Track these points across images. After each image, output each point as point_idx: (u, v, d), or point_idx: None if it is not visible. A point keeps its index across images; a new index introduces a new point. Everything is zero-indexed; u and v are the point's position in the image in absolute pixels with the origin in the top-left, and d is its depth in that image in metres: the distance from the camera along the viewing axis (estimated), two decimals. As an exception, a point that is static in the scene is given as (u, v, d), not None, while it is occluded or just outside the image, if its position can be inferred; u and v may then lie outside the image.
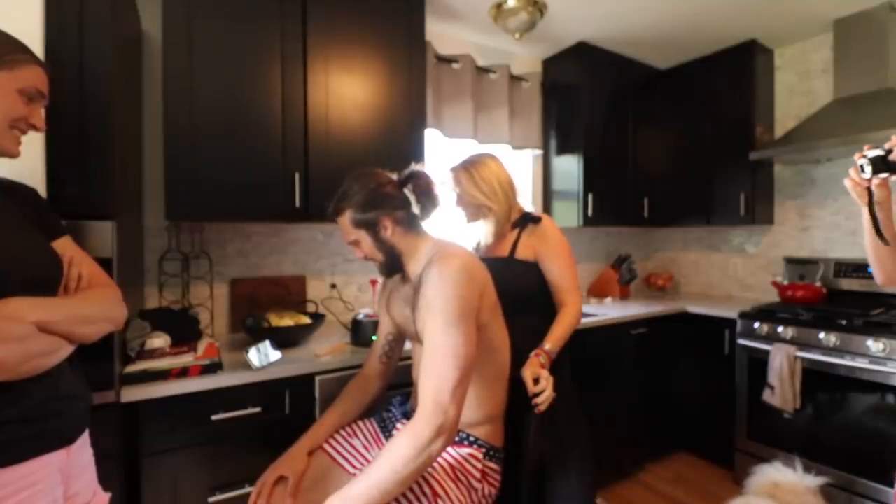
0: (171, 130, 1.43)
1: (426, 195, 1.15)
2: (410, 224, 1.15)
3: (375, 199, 1.10)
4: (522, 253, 1.45)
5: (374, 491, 0.87)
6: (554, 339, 1.33)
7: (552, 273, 1.44)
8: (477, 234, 1.53)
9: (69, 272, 0.84)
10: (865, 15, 2.12)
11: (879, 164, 0.85)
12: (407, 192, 1.15)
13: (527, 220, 1.47)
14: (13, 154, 0.81)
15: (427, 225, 1.20)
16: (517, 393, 1.20)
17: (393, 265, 1.17)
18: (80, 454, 0.84)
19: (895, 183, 0.89)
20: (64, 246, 0.87)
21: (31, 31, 0.98)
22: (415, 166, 1.17)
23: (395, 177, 1.17)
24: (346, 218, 1.12)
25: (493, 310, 1.15)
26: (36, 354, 0.72)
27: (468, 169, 1.46)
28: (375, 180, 1.13)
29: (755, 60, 2.47)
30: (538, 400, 1.15)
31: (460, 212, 1.51)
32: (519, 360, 1.24)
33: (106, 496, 0.92)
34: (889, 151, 0.83)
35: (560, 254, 1.44)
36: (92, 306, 0.82)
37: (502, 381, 1.17)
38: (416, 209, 1.15)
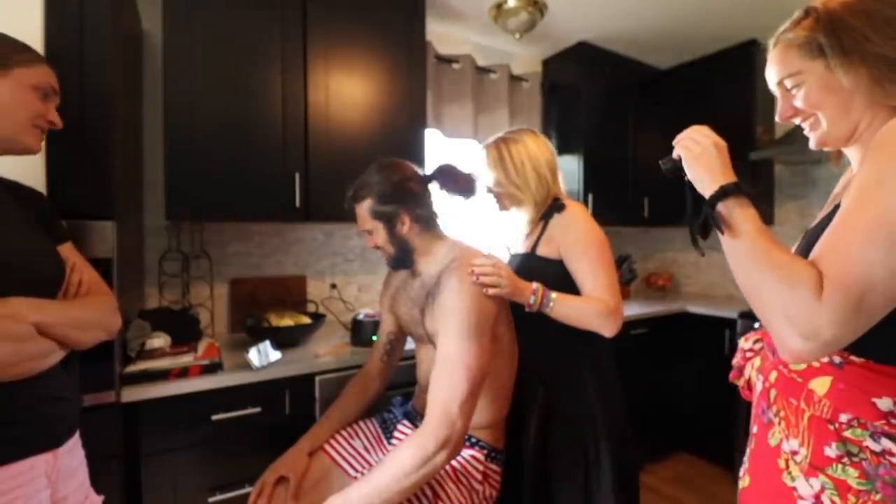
0: (172, 130, 1.43)
1: (456, 186, 1.14)
2: (429, 223, 1.14)
3: (397, 193, 1.09)
4: (545, 248, 1.23)
5: (375, 497, 0.88)
6: (563, 297, 1.14)
7: (577, 272, 1.19)
8: (512, 226, 1.35)
9: (70, 277, 0.84)
10: (865, 15, 2.12)
11: (671, 168, 0.83)
12: (432, 188, 1.14)
13: (553, 209, 1.25)
14: (34, 150, 0.84)
15: (448, 223, 1.19)
16: (519, 395, 1.20)
17: (403, 260, 1.15)
18: (70, 457, 0.83)
19: None
20: (66, 251, 0.88)
21: (31, 31, 0.98)
22: (439, 163, 1.18)
23: (420, 171, 1.17)
24: (365, 207, 1.10)
25: (508, 317, 1.15)
26: (30, 357, 0.71)
27: (499, 147, 1.27)
28: (401, 173, 1.11)
29: (755, 60, 2.46)
30: (476, 270, 1.03)
31: (492, 200, 1.33)
32: (527, 367, 1.20)
33: (99, 499, 0.91)
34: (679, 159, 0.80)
35: (585, 249, 1.18)
36: (89, 312, 0.82)
37: (509, 387, 1.17)
38: (439, 206, 1.15)
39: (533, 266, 1.23)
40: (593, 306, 1.13)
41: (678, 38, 2.50)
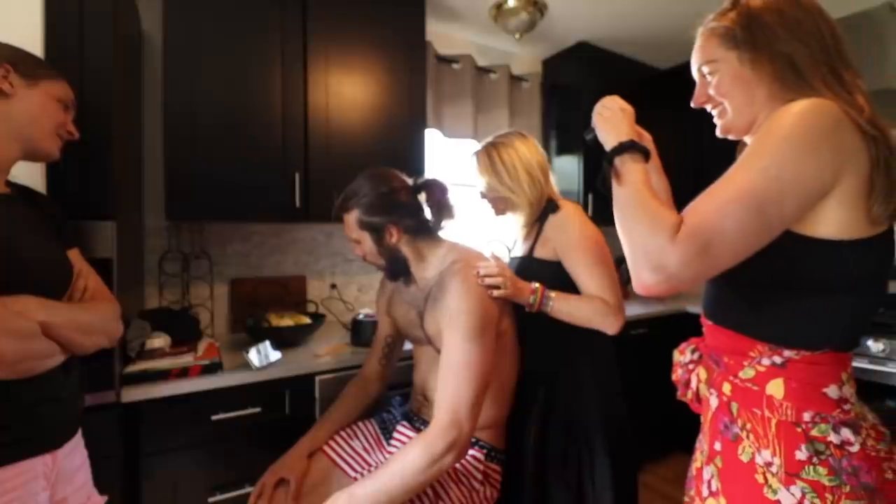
0: (172, 130, 1.43)
1: (440, 207, 1.13)
2: (419, 231, 1.13)
3: (385, 204, 1.08)
4: (542, 250, 1.22)
5: (380, 496, 0.88)
6: (562, 296, 1.15)
7: (574, 273, 1.18)
8: (509, 229, 1.35)
9: (76, 282, 0.86)
10: (865, 15, 2.12)
11: (592, 137, 0.90)
12: (420, 199, 1.13)
13: (547, 210, 1.24)
14: (54, 156, 0.88)
15: (444, 231, 1.18)
16: (520, 395, 1.20)
17: (396, 269, 1.15)
18: (70, 459, 0.84)
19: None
20: (73, 257, 0.89)
21: (31, 31, 0.98)
22: (430, 175, 1.17)
23: (409, 181, 1.16)
24: (352, 217, 1.10)
25: (511, 316, 1.15)
26: (33, 355, 0.72)
27: (489, 152, 1.26)
28: (388, 184, 1.11)
29: (755, 60, 2.47)
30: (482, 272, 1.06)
31: (487, 205, 1.32)
32: (527, 367, 1.21)
33: (102, 500, 0.92)
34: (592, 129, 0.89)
35: (580, 249, 1.16)
36: (93, 316, 0.84)
37: (510, 386, 1.17)
38: (428, 218, 1.14)
39: (531, 269, 1.22)
40: (593, 304, 1.14)
41: (678, 38, 2.49)
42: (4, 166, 0.82)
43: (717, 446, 0.72)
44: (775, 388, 0.66)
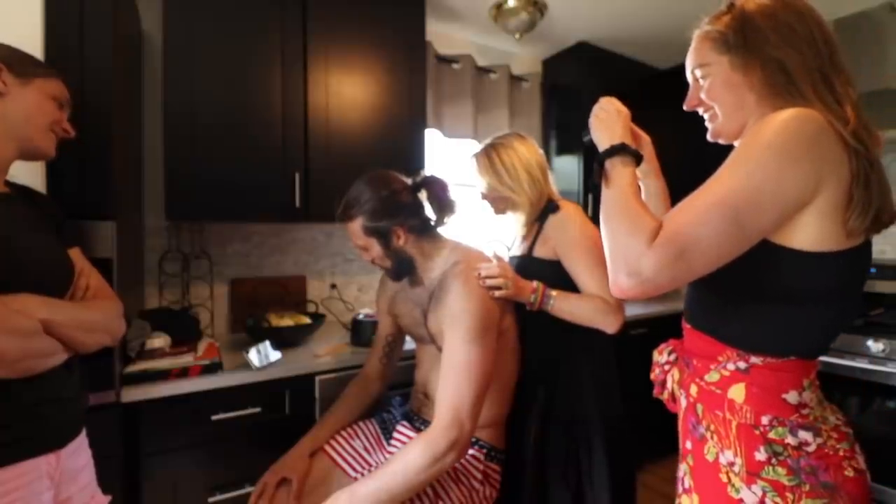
0: (171, 130, 1.43)
1: (441, 203, 1.13)
2: (424, 230, 1.13)
3: (389, 207, 1.08)
4: (542, 249, 1.23)
5: (382, 494, 0.89)
6: (563, 294, 1.15)
7: (574, 272, 1.18)
8: (508, 228, 1.36)
9: (78, 281, 0.86)
10: (865, 15, 2.12)
11: (590, 139, 0.89)
12: (421, 197, 1.13)
13: (547, 210, 1.25)
14: (50, 154, 0.88)
15: (445, 228, 1.18)
16: (520, 395, 1.20)
17: (403, 271, 1.15)
18: (75, 458, 0.84)
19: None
20: (74, 256, 0.89)
21: (31, 32, 0.98)
22: (428, 171, 1.17)
23: (408, 181, 1.15)
24: (357, 224, 1.09)
25: (513, 315, 1.16)
26: (34, 354, 0.72)
27: (488, 153, 1.27)
28: (389, 187, 1.10)
29: (755, 60, 2.46)
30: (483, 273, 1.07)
31: (486, 205, 1.33)
32: (527, 366, 1.21)
33: (105, 499, 0.92)
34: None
35: (580, 248, 1.17)
36: (95, 315, 0.84)
37: (510, 385, 1.17)
38: (430, 215, 1.14)
39: (531, 268, 1.23)
40: (593, 303, 1.14)
41: (678, 38, 2.49)
42: (2, 166, 0.82)
43: (688, 445, 0.75)
44: (737, 392, 0.68)
